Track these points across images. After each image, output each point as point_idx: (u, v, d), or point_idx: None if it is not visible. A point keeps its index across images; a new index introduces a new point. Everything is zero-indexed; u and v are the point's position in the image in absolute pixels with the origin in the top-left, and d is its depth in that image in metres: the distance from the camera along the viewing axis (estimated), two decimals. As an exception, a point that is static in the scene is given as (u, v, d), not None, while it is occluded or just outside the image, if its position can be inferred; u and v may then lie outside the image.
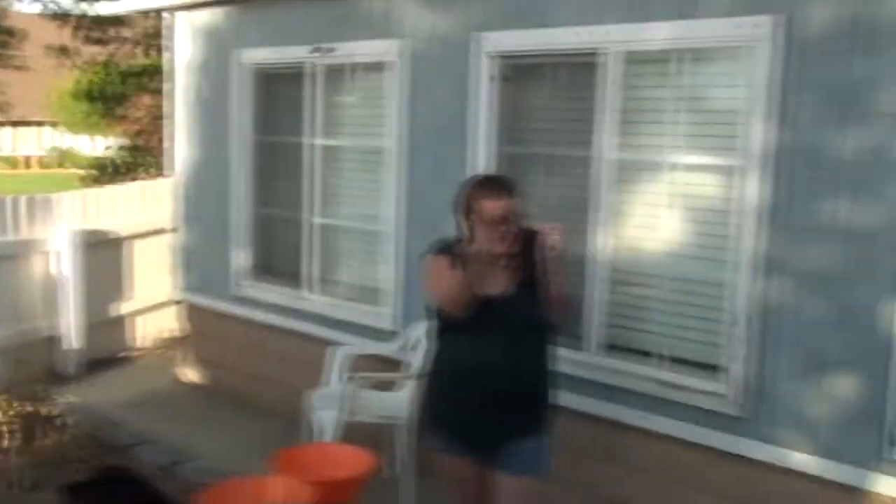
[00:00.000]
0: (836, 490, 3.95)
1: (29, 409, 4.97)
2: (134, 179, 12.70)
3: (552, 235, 3.42)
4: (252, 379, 6.90)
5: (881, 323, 3.76)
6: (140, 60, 14.54)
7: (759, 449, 4.14)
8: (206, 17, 6.95)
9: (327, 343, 5.93)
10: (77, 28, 14.55)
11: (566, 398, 4.66)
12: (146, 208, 8.45)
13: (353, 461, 4.22)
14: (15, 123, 34.10)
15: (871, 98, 3.74)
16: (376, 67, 5.78)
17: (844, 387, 3.89)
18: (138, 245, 8.36)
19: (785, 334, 4.05)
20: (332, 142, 6.18)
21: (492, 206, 3.49)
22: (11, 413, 5.19)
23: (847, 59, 3.78)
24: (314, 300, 6.26)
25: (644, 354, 4.59)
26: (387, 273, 5.72)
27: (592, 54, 4.61)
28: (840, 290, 3.87)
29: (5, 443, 5.14)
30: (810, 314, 3.96)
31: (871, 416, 3.81)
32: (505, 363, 3.54)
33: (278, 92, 6.64)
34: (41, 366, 5.10)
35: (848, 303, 3.85)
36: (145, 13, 13.35)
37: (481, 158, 5.07)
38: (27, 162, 38.13)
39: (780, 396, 4.08)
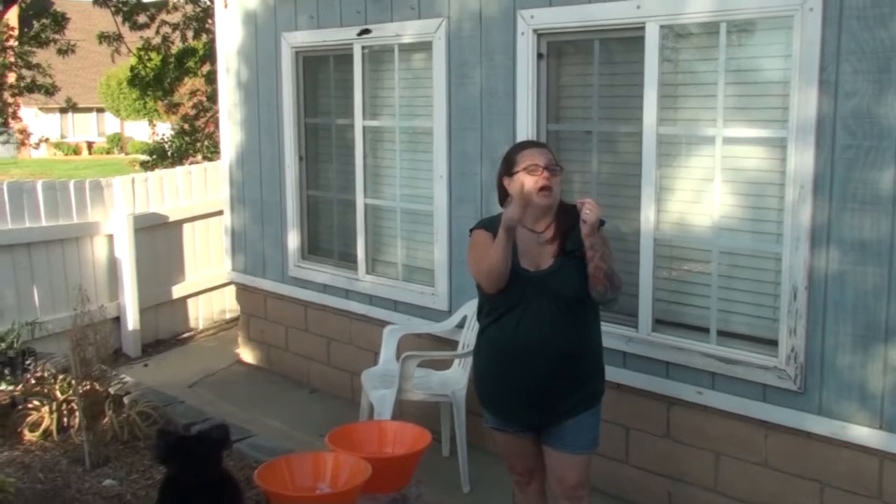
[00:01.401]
0: (897, 463, 3.91)
1: (91, 388, 5.07)
2: (191, 163, 12.86)
3: (584, 209, 3.43)
4: (308, 359, 6.99)
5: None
6: (187, 44, 14.67)
7: (819, 423, 4.11)
8: (252, 0, 7.00)
9: (381, 323, 6.00)
10: (118, 13, 14.77)
11: (620, 374, 4.70)
12: (206, 191, 8.57)
13: (409, 438, 4.25)
14: (64, 110, 34.62)
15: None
16: (420, 48, 5.79)
17: (904, 359, 3.83)
18: (197, 227, 8.50)
19: (840, 306, 4.00)
20: (380, 123, 6.20)
21: (531, 152, 3.62)
22: (72, 393, 5.30)
23: (897, 25, 3.71)
24: (367, 281, 6.30)
25: (699, 330, 4.57)
26: (437, 253, 5.75)
27: (637, 28, 4.57)
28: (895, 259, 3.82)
29: (68, 421, 5.27)
30: (865, 285, 3.91)
31: (932, 387, 3.76)
32: (550, 339, 3.53)
33: (326, 74, 6.67)
34: (105, 346, 5.20)
35: (904, 272, 3.79)
36: (192, 1, 13.55)
37: (527, 137, 5.05)
38: (83, 147, 38.77)
39: (838, 369, 4.04)
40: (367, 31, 6.01)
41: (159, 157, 14.69)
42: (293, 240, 6.88)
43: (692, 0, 4.33)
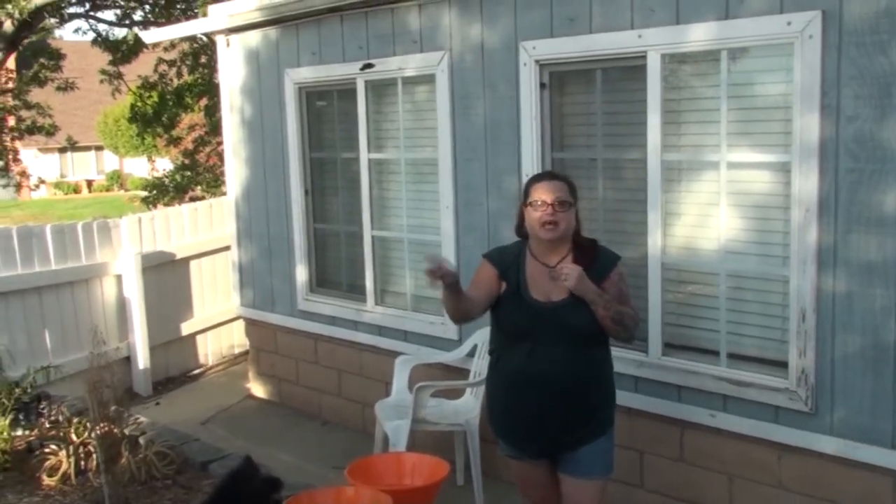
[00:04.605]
0: (910, 482, 3.94)
1: (108, 429, 5.10)
2: (191, 198, 12.91)
3: (562, 274, 3.53)
4: (318, 392, 7.02)
5: (948, 312, 3.74)
6: (183, 80, 14.79)
7: (831, 443, 4.14)
8: (254, 38, 7.08)
9: (391, 353, 6.04)
10: (115, 52, 14.95)
11: (632, 399, 4.73)
12: (211, 227, 8.61)
13: (427, 469, 4.28)
14: (63, 150, 34.68)
15: (923, 88, 3.73)
16: (423, 80, 5.86)
17: (914, 378, 3.87)
18: (203, 263, 8.54)
19: (849, 327, 4.04)
20: (385, 155, 6.27)
21: (542, 186, 3.65)
22: (89, 435, 5.33)
23: (897, 51, 3.78)
24: (377, 312, 6.35)
25: (709, 353, 4.61)
26: (446, 282, 5.78)
27: (639, 57, 4.64)
28: (903, 281, 3.86)
29: (86, 463, 5.30)
30: (873, 305, 3.95)
31: (943, 406, 3.79)
32: (562, 369, 3.58)
33: (329, 108, 6.74)
34: (118, 386, 5.24)
35: (913, 293, 3.84)
36: (189, 39, 13.64)
37: (532, 166, 5.12)
38: (82, 186, 38.83)
39: (848, 390, 4.07)
40: (370, 66, 6.09)
41: (159, 192, 14.78)
42: (301, 273, 6.93)
43: (692, 29, 4.41)
